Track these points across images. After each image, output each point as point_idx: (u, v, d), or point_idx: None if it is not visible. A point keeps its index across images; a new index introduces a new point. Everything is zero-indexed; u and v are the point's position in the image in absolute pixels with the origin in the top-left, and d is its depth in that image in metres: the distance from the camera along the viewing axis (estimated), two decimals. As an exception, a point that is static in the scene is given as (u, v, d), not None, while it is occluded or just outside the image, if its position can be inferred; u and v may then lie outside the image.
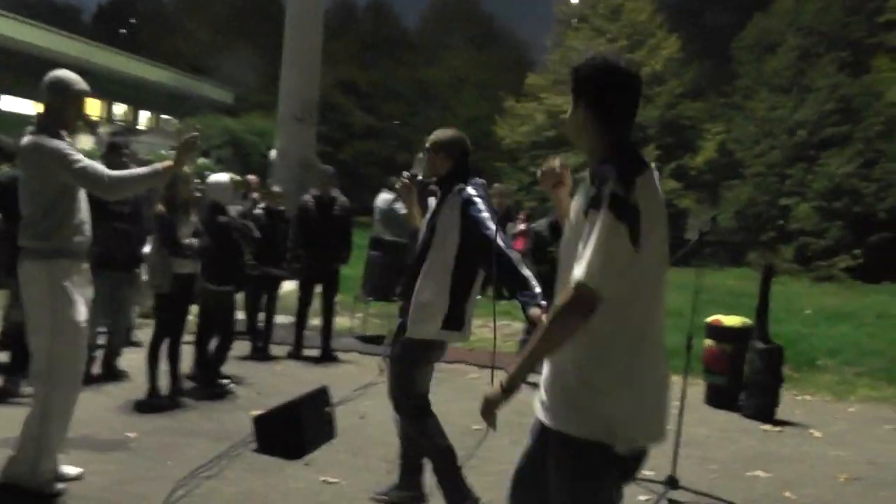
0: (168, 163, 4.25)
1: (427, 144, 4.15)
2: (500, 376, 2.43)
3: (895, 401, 8.33)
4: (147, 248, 6.79)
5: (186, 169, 6.15)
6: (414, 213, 4.37)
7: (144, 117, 32.90)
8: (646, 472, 3.70)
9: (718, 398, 7.64)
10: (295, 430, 5.00)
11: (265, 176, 13.18)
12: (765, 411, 7.22)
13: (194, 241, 6.07)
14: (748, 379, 7.44)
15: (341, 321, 8.82)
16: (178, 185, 5.99)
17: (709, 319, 7.82)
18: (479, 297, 12.12)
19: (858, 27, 23.64)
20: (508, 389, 2.37)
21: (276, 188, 8.26)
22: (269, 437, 5.04)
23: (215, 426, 5.61)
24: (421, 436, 4.17)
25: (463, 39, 39.07)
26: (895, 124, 21.85)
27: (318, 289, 8.48)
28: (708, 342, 7.72)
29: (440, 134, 4.18)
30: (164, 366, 6.13)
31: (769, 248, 23.23)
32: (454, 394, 7.21)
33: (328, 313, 8.45)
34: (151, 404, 5.92)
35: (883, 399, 8.40)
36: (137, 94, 30.36)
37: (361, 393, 6.89)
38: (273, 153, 12.06)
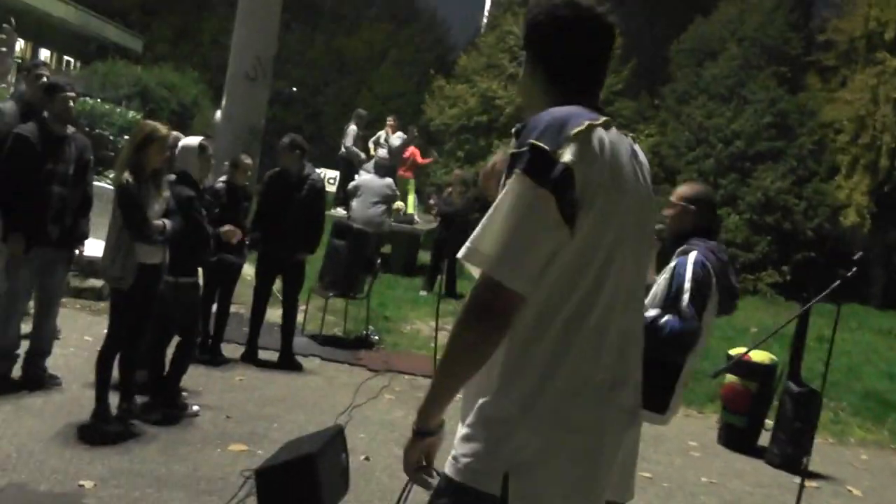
0: None
1: (672, 198, 3.64)
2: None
3: (893, 445, 7.87)
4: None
5: (162, 128, 4.78)
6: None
7: (43, 56, 29.97)
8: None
9: (735, 440, 6.91)
10: (311, 489, 3.78)
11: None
12: (793, 461, 6.45)
13: (167, 223, 4.72)
14: (776, 423, 6.69)
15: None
16: (151, 148, 4.62)
17: (734, 352, 7.06)
18: (424, 293, 11.07)
19: (798, 44, 23.57)
20: (419, 433, 1.81)
21: (246, 159, 6.88)
22: (274, 496, 3.80)
23: (189, 469, 4.31)
24: None
25: (383, 12, 37.75)
26: (826, 144, 21.87)
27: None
28: (730, 377, 6.95)
29: (689, 188, 3.71)
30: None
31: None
32: (452, 422, 6.13)
33: (290, 311, 7.18)
34: (99, 430, 4.55)
35: (880, 442, 7.94)
36: (39, 30, 27.57)
37: (348, 419, 5.67)
38: (217, 114, 10.49)
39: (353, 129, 14.37)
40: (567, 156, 1.67)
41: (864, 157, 21.02)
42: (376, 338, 8.25)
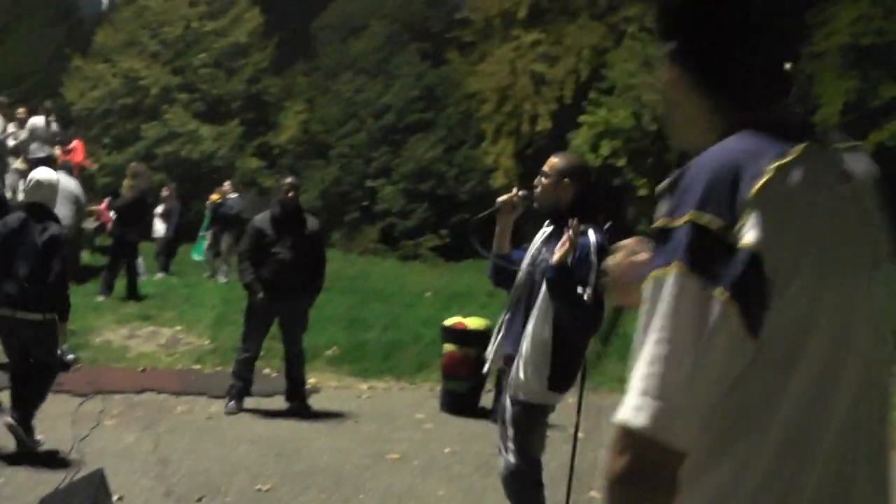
0: None
1: (545, 168, 3.58)
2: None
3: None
4: None
5: None
6: (505, 238, 3.76)
7: None
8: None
9: (458, 405, 7.33)
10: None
11: None
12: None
13: None
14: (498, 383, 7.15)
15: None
16: None
17: (449, 322, 7.44)
18: (101, 298, 10.25)
19: (438, 21, 24.94)
20: None
21: None
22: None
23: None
24: None
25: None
26: (472, 113, 23.52)
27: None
28: (448, 346, 7.33)
29: (565, 159, 3.65)
30: None
31: (353, 229, 23.75)
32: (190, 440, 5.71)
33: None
34: None
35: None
36: None
37: (79, 456, 5.04)
38: None
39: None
40: (749, 234, 1.13)
41: (507, 125, 22.72)
42: (71, 356, 7.40)
